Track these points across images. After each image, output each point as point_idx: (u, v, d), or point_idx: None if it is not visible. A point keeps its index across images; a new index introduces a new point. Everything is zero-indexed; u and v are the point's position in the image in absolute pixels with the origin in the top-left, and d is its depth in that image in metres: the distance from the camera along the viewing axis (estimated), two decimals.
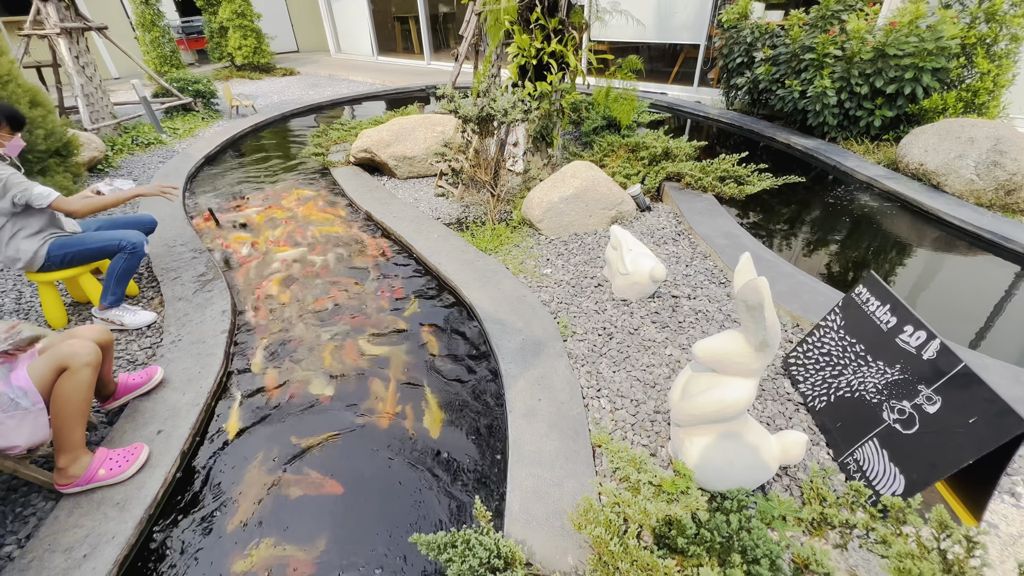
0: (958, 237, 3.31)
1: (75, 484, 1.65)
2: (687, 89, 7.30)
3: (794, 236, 3.53)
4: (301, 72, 10.86)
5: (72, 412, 1.59)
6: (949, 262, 3.16)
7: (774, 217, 3.78)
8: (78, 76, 5.48)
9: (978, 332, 2.50)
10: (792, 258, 3.21)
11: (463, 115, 3.10)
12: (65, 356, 1.56)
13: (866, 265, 3.11)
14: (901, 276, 3.02)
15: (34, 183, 2.23)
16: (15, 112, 2.23)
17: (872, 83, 4.41)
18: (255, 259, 3.31)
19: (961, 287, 2.91)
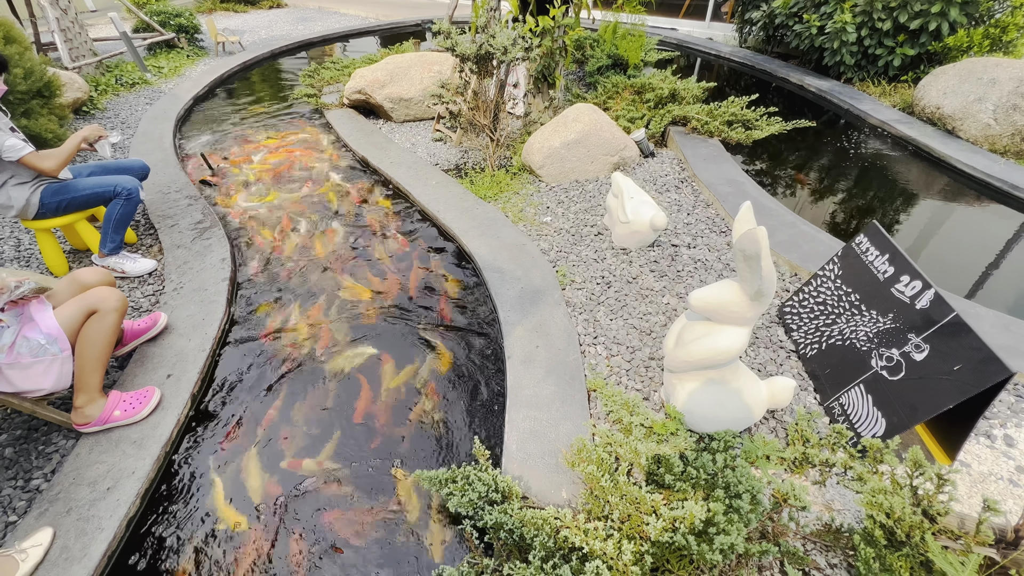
0: (967, 186, 3.24)
1: (93, 424, 1.74)
2: (699, 24, 6.88)
3: (800, 184, 3.46)
4: (288, 4, 10.21)
5: (96, 355, 1.66)
6: (955, 211, 3.12)
7: (780, 163, 3.69)
8: (52, 8, 5.16)
9: (976, 281, 2.51)
10: (795, 207, 3.17)
11: (460, 53, 2.94)
12: (95, 301, 1.61)
13: (870, 215, 3.07)
14: (905, 226, 2.99)
15: (6, 135, 2.14)
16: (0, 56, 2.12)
17: (896, 18, 4.15)
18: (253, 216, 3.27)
19: (965, 237, 2.89)
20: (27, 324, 1.56)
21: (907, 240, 2.85)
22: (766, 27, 5.54)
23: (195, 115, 4.90)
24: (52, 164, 2.26)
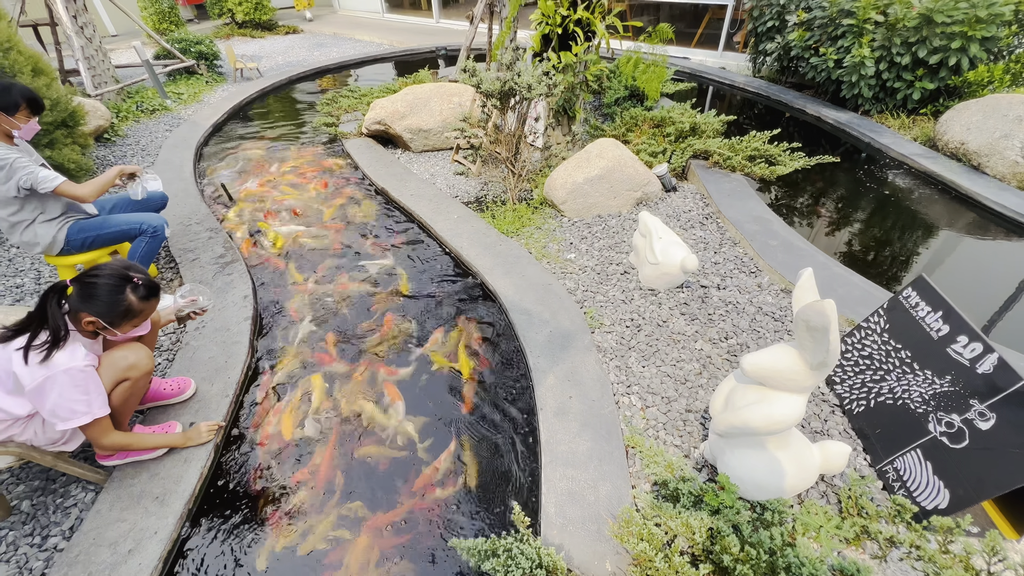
0: (999, 224, 3.18)
1: (115, 457, 1.74)
2: (711, 53, 6.95)
3: (827, 222, 3.41)
4: (304, 30, 10.42)
5: (125, 411, 1.65)
6: (993, 252, 3.05)
7: (805, 198, 3.65)
8: (77, 37, 5.26)
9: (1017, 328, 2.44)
10: (824, 245, 3.11)
11: (485, 90, 2.94)
12: (125, 369, 1.58)
13: (903, 255, 3.01)
14: (939, 266, 2.93)
15: (39, 169, 2.15)
16: (36, 96, 2.15)
17: (915, 52, 4.15)
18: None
19: (1007, 281, 2.81)
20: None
21: (944, 281, 2.78)
22: (781, 58, 5.57)
23: (214, 142, 4.94)
24: (86, 191, 2.27)
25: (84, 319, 1.49)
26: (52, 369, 1.42)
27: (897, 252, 3.03)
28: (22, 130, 2.13)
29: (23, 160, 2.12)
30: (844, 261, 2.85)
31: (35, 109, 2.15)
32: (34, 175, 2.12)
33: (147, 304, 1.57)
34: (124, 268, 1.53)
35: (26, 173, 2.11)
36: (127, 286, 1.51)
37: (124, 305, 1.51)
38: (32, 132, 2.19)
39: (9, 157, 2.07)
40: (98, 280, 1.48)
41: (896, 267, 2.90)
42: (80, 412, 1.48)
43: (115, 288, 1.49)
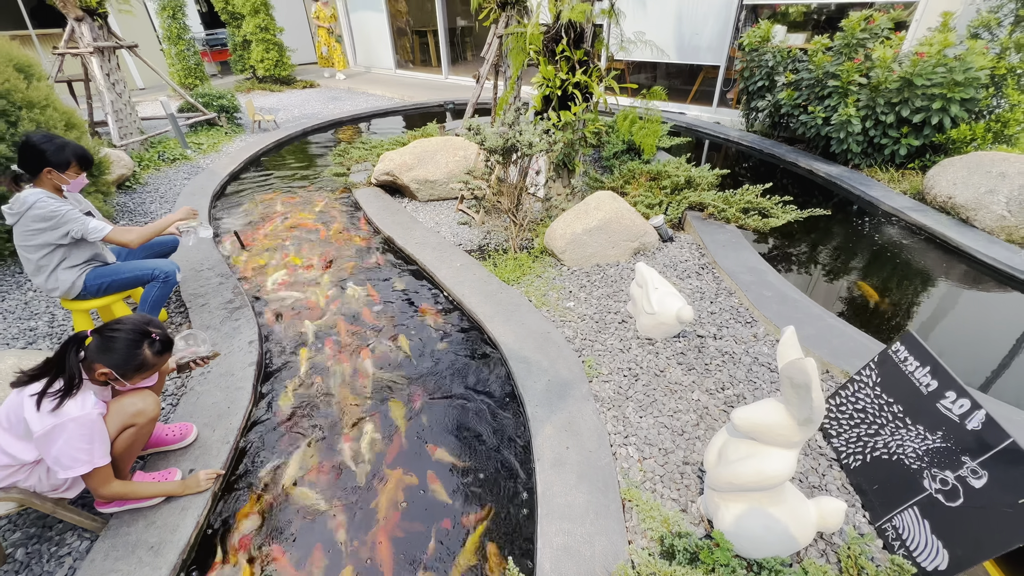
0: (991, 276, 3.24)
1: (113, 505, 1.74)
2: (706, 109, 7.28)
3: (820, 272, 3.49)
4: (320, 84, 11.02)
5: (127, 457, 1.68)
6: (985, 304, 3.10)
7: (799, 249, 3.75)
8: (108, 93, 5.62)
9: (1016, 383, 2.45)
10: (819, 296, 3.17)
11: (489, 147, 3.12)
12: (132, 415, 1.62)
13: (896, 306, 3.06)
14: (933, 318, 2.97)
15: (89, 217, 2.30)
16: (86, 153, 2.33)
17: (898, 112, 4.36)
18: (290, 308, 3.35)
19: (1000, 333, 2.84)
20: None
21: (937, 334, 2.82)
22: (772, 114, 5.84)
23: (230, 190, 5.16)
24: (132, 238, 2.42)
25: (98, 370, 1.55)
26: (62, 417, 1.47)
27: (892, 304, 3.08)
28: (71, 184, 2.29)
29: (74, 212, 2.26)
30: (839, 312, 2.90)
31: (84, 165, 2.33)
32: (84, 226, 2.28)
33: (160, 359, 1.64)
34: (144, 323, 1.60)
35: (78, 225, 2.25)
36: (145, 341, 1.58)
37: (139, 359, 1.57)
38: (80, 186, 2.36)
39: (60, 210, 2.21)
40: (118, 334, 1.55)
41: (891, 319, 2.94)
42: (82, 461, 1.51)
43: (134, 343, 1.56)
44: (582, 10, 3.24)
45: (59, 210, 2.22)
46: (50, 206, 2.23)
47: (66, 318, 3.04)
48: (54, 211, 2.22)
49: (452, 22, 11.12)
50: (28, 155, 2.27)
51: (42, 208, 2.22)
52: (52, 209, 2.22)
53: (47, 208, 2.22)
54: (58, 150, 2.28)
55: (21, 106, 3.42)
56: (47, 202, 2.24)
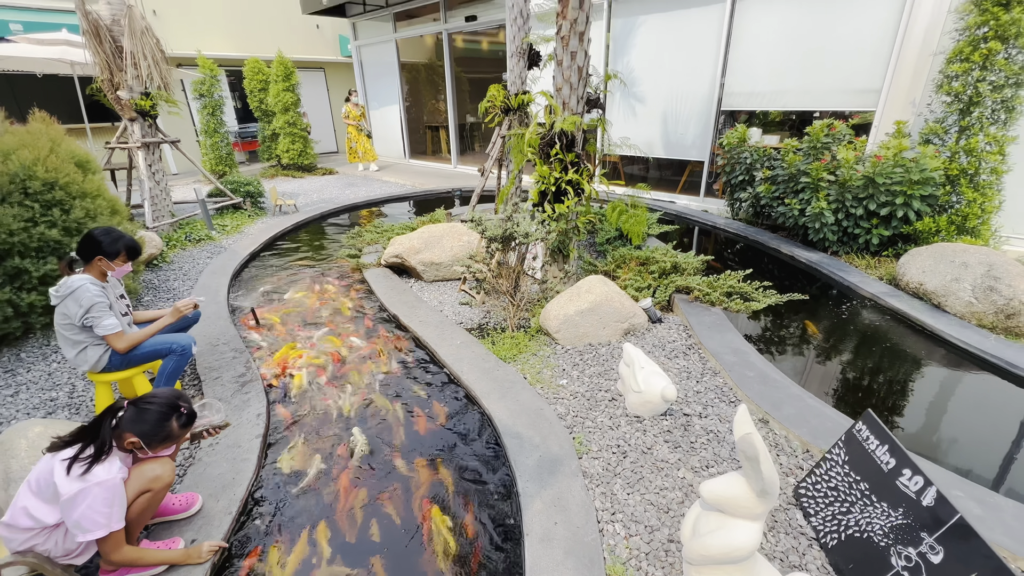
0: (964, 359, 3.40)
1: (118, 573, 1.80)
2: (694, 198, 7.85)
3: (800, 353, 3.66)
4: (339, 172, 11.94)
5: (139, 523, 1.78)
6: (958, 385, 3.23)
7: (781, 332, 3.94)
8: (149, 181, 6.21)
9: (992, 464, 2.52)
10: (799, 377, 3.32)
11: (490, 236, 3.45)
12: (150, 480, 1.76)
13: (874, 386, 3.20)
14: (911, 399, 3.09)
15: (105, 315, 2.53)
16: (136, 245, 2.66)
17: (866, 205, 4.76)
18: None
19: (973, 414, 2.96)
20: None
21: (914, 415, 2.93)
22: (754, 205, 6.31)
23: (250, 269, 5.52)
24: (123, 346, 2.62)
25: (128, 438, 1.71)
26: (89, 481, 1.61)
27: (869, 384, 3.22)
28: (116, 271, 2.60)
29: (102, 306, 2.51)
30: (821, 394, 3.03)
31: (132, 256, 2.65)
32: (99, 322, 2.50)
33: (184, 431, 1.81)
34: (175, 398, 1.80)
35: (95, 317, 2.48)
36: (173, 415, 1.76)
37: (167, 431, 1.74)
38: (124, 272, 2.67)
39: (94, 301, 2.47)
40: (151, 406, 1.74)
41: (868, 399, 3.07)
42: (101, 524, 1.63)
43: (164, 415, 1.74)
44: (572, 121, 3.74)
45: (93, 301, 2.48)
46: (89, 293, 2.50)
47: (85, 389, 3.21)
48: (90, 300, 2.48)
49: (461, 119, 12.28)
50: (86, 245, 2.60)
51: (83, 295, 2.49)
52: (90, 298, 2.49)
53: (86, 296, 2.49)
54: (113, 242, 2.61)
55: (76, 196, 3.86)
56: (89, 289, 2.51)
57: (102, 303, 2.54)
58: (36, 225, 3.57)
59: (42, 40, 6.91)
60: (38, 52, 6.69)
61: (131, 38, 5.65)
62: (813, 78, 6.21)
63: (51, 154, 3.79)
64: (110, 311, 2.60)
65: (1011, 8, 4.16)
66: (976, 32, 4.41)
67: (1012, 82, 4.34)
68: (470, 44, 12.15)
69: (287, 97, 11.07)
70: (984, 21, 4.32)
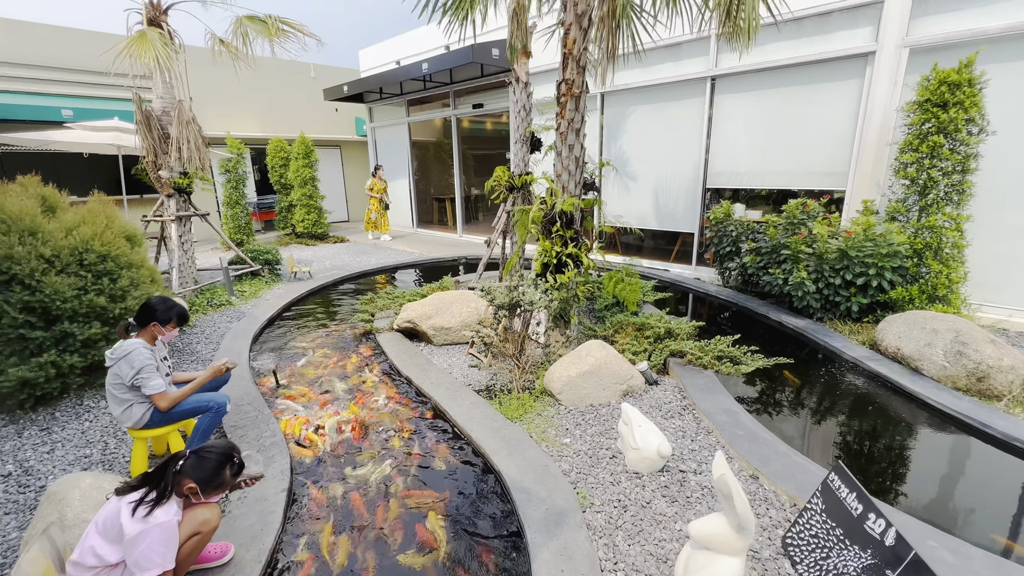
0: (942, 419, 3.63)
1: None
2: (687, 267, 8.32)
3: (788, 413, 3.89)
4: (350, 240, 12.59)
5: (186, 565, 1.97)
6: (936, 444, 3.44)
7: (769, 393, 4.19)
8: (178, 251, 6.70)
9: (965, 516, 2.70)
10: (787, 435, 3.53)
11: (498, 304, 3.81)
12: (200, 523, 1.98)
13: (857, 445, 3.41)
14: (892, 457, 3.29)
15: (153, 375, 2.83)
16: (186, 313, 3.02)
17: (843, 275, 5.17)
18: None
19: (950, 471, 3.15)
20: None
21: (894, 472, 3.12)
22: (742, 273, 6.74)
23: (268, 333, 5.84)
24: (165, 404, 2.88)
25: (186, 484, 1.95)
26: (150, 523, 1.84)
27: (852, 442, 3.43)
28: (166, 336, 2.93)
29: (151, 368, 2.82)
30: (807, 452, 3.24)
31: (181, 322, 2.99)
32: (147, 383, 2.79)
33: (234, 480, 2.06)
34: (230, 448, 2.06)
35: (144, 378, 2.78)
36: (228, 463, 2.02)
37: (221, 479, 1.99)
38: (171, 337, 3.01)
39: (145, 363, 2.79)
40: (211, 455, 2.00)
41: (852, 457, 3.27)
42: (156, 564, 1.83)
43: (221, 464, 2.00)
44: (571, 203, 4.24)
45: (144, 363, 2.79)
46: (141, 356, 2.82)
47: (116, 447, 3.42)
48: (142, 363, 2.80)
49: (467, 191, 13.15)
50: (144, 312, 2.95)
51: (136, 357, 2.81)
52: (141, 360, 2.80)
53: (139, 358, 2.81)
54: (167, 309, 2.97)
55: (123, 266, 4.27)
56: (141, 352, 2.84)
57: (151, 365, 2.85)
58: (87, 293, 3.95)
59: (96, 127, 7.72)
60: (92, 137, 7.46)
61: (178, 127, 6.38)
62: (787, 161, 6.89)
63: (106, 229, 4.25)
64: (157, 372, 2.89)
65: (948, 109, 4.82)
66: (922, 127, 5.05)
67: (959, 169, 4.91)
68: (476, 125, 13.30)
69: (305, 172, 11.96)
70: (927, 119, 4.97)
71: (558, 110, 4.39)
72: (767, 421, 3.72)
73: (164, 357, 3.13)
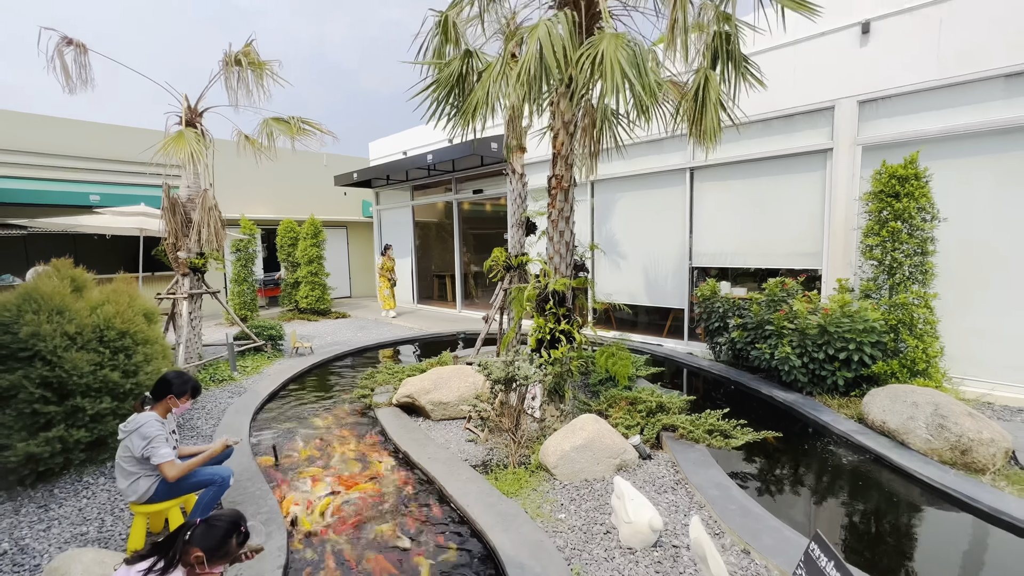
0: (930, 493, 3.68)
1: None
2: (680, 342, 8.55)
3: (780, 488, 3.94)
4: (352, 316, 12.89)
5: None
6: (924, 518, 3.48)
7: (762, 467, 4.25)
8: (187, 327, 6.95)
9: None
10: (779, 510, 3.57)
11: (494, 378, 4.01)
12: None
13: (847, 518, 3.45)
14: (881, 529, 3.32)
15: (162, 445, 2.95)
16: (199, 386, 3.21)
17: (825, 350, 5.40)
18: None
19: (938, 545, 3.18)
20: None
21: (884, 545, 3.15)
22: (731, 348, 6.96)
23: (269, 408, 5.92)
24: (174, 474, 2.95)
25: (193, 552, 2.05)
26: None
27: (842, 516, 3.46)
28: (179, 408, 3.10)
29: (160, 439, 2.96)
30: (797, 525, 3.28)
31: (194, 395, 3.18)
32: (156, 452, 2.90)
33: (239, 550, 2.15)
34: (238, 517, 2.18)
35: (153, 448, 2.90)
36: (235, 532, 2.13)
37: (227, 548, 2.09)
38: (184, 410, 3.17)
39: (155, 435, 2.93)
40: (220, 522, 2.11)
41: (842, 530, 3.30)
42: None
43: (228, 532, 2.10)
44: (562, 283, 4.58)
45: (155, 434, 2.93)
46: (153, 427, 2.97)
47: (113, 524, 3.44)
48: (153, 433, 2.94)
49: (466, 268, 13.69)
50: (160, 385, 3.15)
51: (148, 429, 2.96)
52: (152, 432, 2.95)
53: (151, 430, 2.96)
54: (183, 383, 3.17)
55: (140, 343, 4.50)
56: (153, 425, 2.99)
57: (161, 436, 2.99)
58: (103, 368, 4.14)
59: (124, 212, 8.31)
60: (119, 222, 8.01)
61: (201, 212, 6.91)
62: (765, 242, 7.39)
63: (128, 307, 4.54)
64: (166, 443, 3.03)
65: (900, 199, 5.35)
66: (880, 214, 5.55)
67: (919, 251, 5.34)
68: (475, 207, 14.17)
69: (312, 251, 12.55)
70: (883, 207, 5.49)
71: (549, 200, 4.88)
72: (759, 495, 3.76)
73: (172, 431, 3.27)
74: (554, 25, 3.61)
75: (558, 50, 3.44)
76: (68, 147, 11.53)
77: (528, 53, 3.47)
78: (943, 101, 5.67)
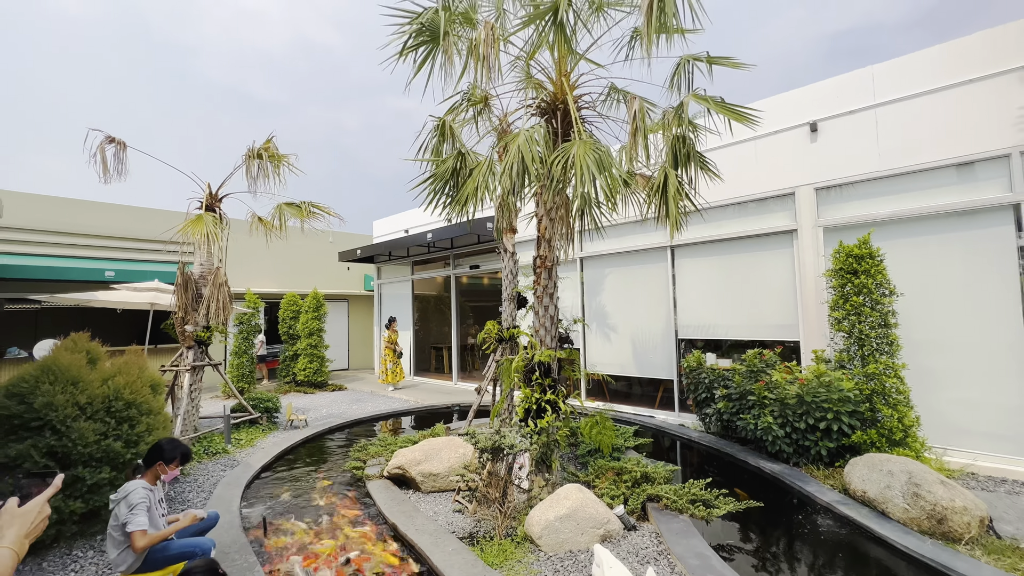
0: (907, 563, 3.73)
1: None
2: (671, 414, 8.63)
3: (760, 557, 3.97)
4: (348, 388, 12.95)
5: None
6: None
7: (745, 537, 4.29)
8: (186, 399, 7.12)
9: None
10: None
11: (481, 447, 4.18)
12: None
13: None
14: None
15: (140, 514, 3.07)
16: (190, 453, 3.42)
17: (805, 420, 5.57)
18: None
19: None
20: None
21: None
22: (719, 419, 7.08)
23: (261, 481, 5.95)
24: (141, 544, 3.03)
25: None
26: None
27: None
28: (168, 474, 3.29)
29: (142, 507, 3.10)
30: None
31: (184, 461, 3.38)
32: (133, 520, 3.03)
33: None
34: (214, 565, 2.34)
35: (132, 514, 3.04)
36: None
37: None
38: (173, 476, 3.35)
39: (139, 501, 3.09)
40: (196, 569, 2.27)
41: None
42: None
43: None
44: (548, 354, 4.88)
45: (139, 501, 3.09)
46: (138, 495, 3.14)
47: None
48: (137, 500, 3.11)
49: (463, 340, 13.95)
50: (152, 452, 3.35)
51: (134, 496, 3.13)
52: (138, 499, 3.12)
53: (136, 497, 3.13)
54: (172, 449, 3.38)
55: (144, 413, 4.71)
56: (139, 491, 3.17)
57: (144, 504, 3.14)
58: (107, 438, 4.32)
59: (137, 288, 8.78)
60: (133, 297, 8.44)
61: (211, 288, 7.36)
62: (744, 314, 7.77)
63: (137, 378, 4.80)
64: (147, 512, 3.16)
65: (858, 275, 5.81)
66: (843, 290, 5.98)
67: (882, 324, 5.69)
68: (473, 280, 14.74)
69: (313, 324, 12.90)
70: (845, 283, 5.93)
71: (535, 278, 5.32)
72: (739, 566, 3.80)
73: (161, 499, 3.41)
74: (534, 133, 4.26)
75: (535, 155, 4.05)
76: (87, 226, 12.33)
77: (511, 156, 4.07)
78: (888, 188, 6.33)
